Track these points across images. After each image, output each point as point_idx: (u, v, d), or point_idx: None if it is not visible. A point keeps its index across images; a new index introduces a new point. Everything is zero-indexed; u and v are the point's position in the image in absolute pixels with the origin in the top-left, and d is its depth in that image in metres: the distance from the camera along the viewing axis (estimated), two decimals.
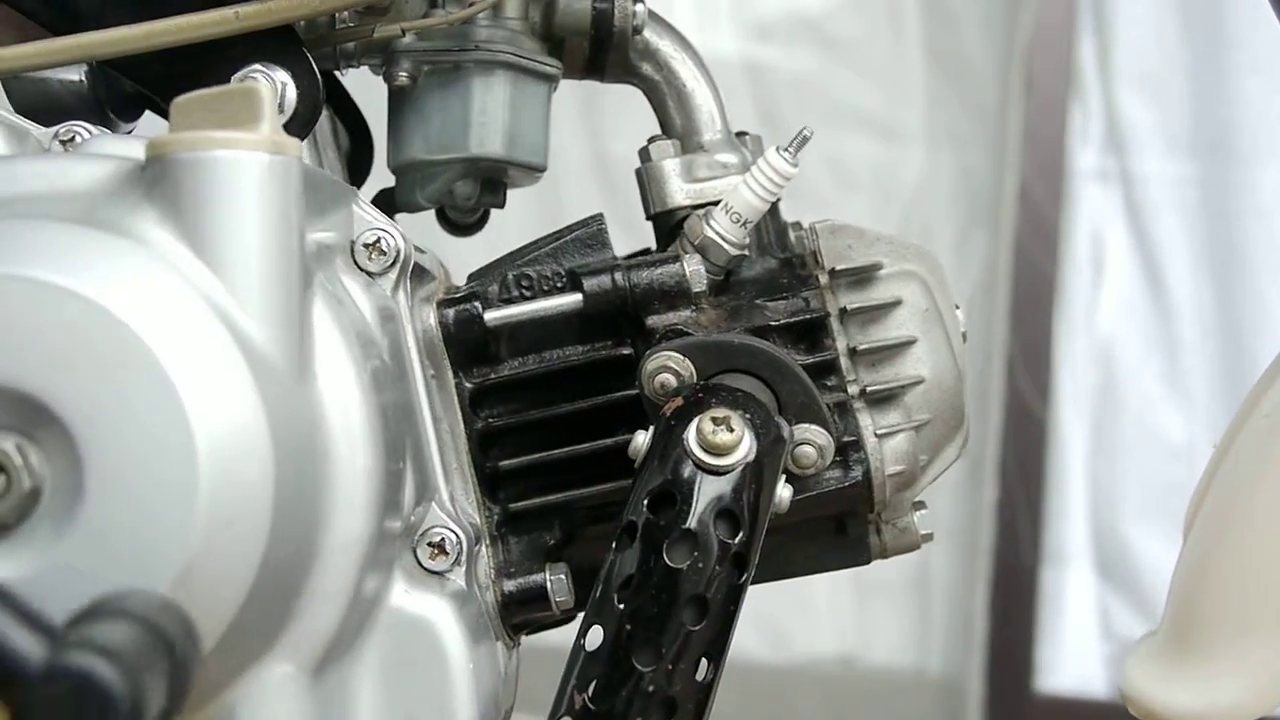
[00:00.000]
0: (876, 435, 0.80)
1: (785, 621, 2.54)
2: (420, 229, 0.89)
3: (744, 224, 0.81)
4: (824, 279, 0.82)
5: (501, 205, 0.91)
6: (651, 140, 0.86)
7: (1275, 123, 2.45)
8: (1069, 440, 2.54)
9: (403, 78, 0.84)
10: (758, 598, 0.76)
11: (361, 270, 0.77)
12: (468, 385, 0.80)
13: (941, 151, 2.53)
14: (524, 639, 0.84)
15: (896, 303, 0.81)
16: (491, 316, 0.80)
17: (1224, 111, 2.48)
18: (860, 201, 2.42)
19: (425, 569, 0.75)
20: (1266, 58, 2.36)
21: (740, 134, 0.88)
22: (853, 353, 0.81)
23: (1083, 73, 2.50)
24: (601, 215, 0.83)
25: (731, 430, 0.72)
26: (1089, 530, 2.54)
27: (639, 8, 0.87)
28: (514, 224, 0.97)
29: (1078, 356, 2.57)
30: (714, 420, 0.72)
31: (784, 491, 0.75)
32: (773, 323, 0.81)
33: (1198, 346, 2.52)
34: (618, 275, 0.80)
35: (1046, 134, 2.52)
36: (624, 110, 1.24)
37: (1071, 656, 2.53)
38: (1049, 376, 2.56)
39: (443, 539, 0.75)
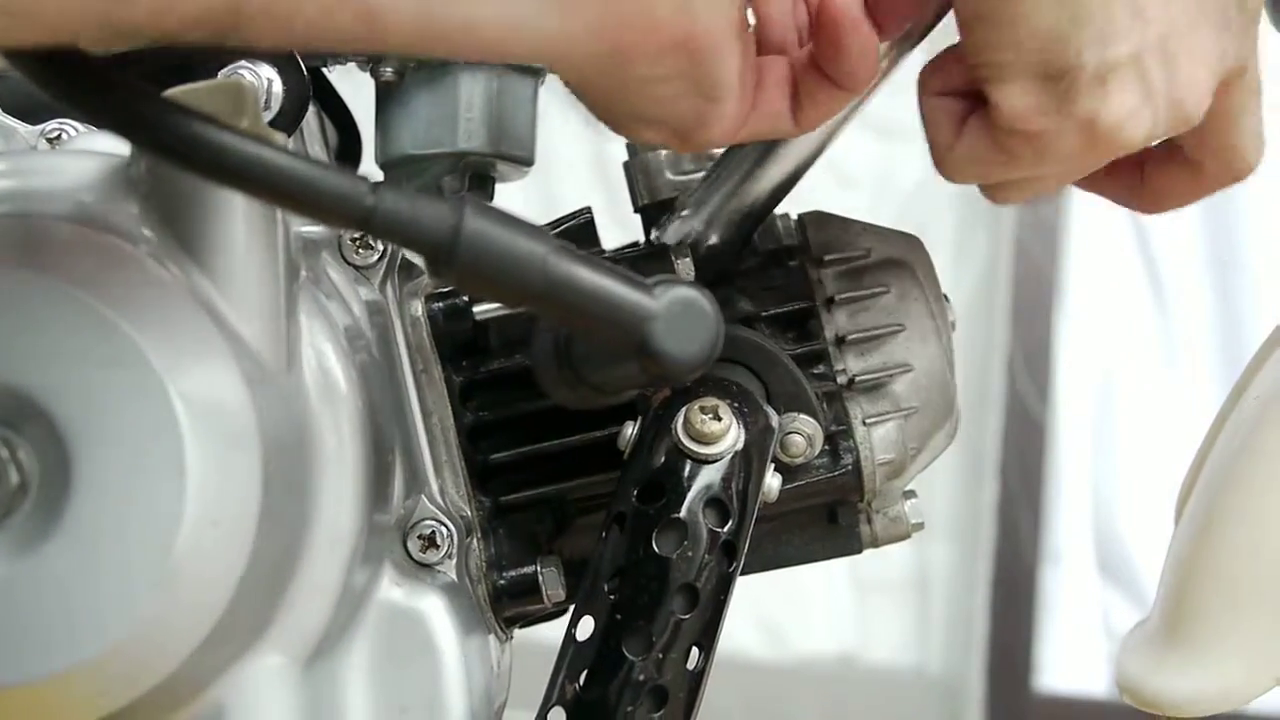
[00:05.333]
0: (865, 424, 0.80)
1: (784, 621, 2.54)
2: None
3: None
4: (811, 269, 0.82)
5: (490, 200, 0.91)
6: None
7: (1275, 123, 2.45)
8: (1069, 440, 2.54)
9: (389, 73, 0.84)
10: (756, 597, 0.76)
11: (349, 264, 0.77)
12: (457, 379, 0.79)
13: None
14: (518, 632, 0.84)
15: (884, 291, 0.81)
16: (480, 310, 0.80)
17: None
18: (860, 199, 2.43)
19: (416, 562, 0.75)
20: (1266, 58, 2.36)
21: None
22: (841, 341, 0.81)
23: None
24: (589, 208, 0.83)
25: (719, 419, 0.72)
26: (1089, 530, 2.54)
27: None
28: None
29: (1078, 356, 2.57)
30: (702, 409, 0.73)
31: (773, 480, 0.75)
32: (761, 313, 0.81)
33: (1198, 346, 2.53)
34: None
35: None
36: None
37: (1071, 656, 2.53)
38: (1049, 376, 2.56)
39: (433, 532, 0.76)
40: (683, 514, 0.71)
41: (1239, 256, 2.50)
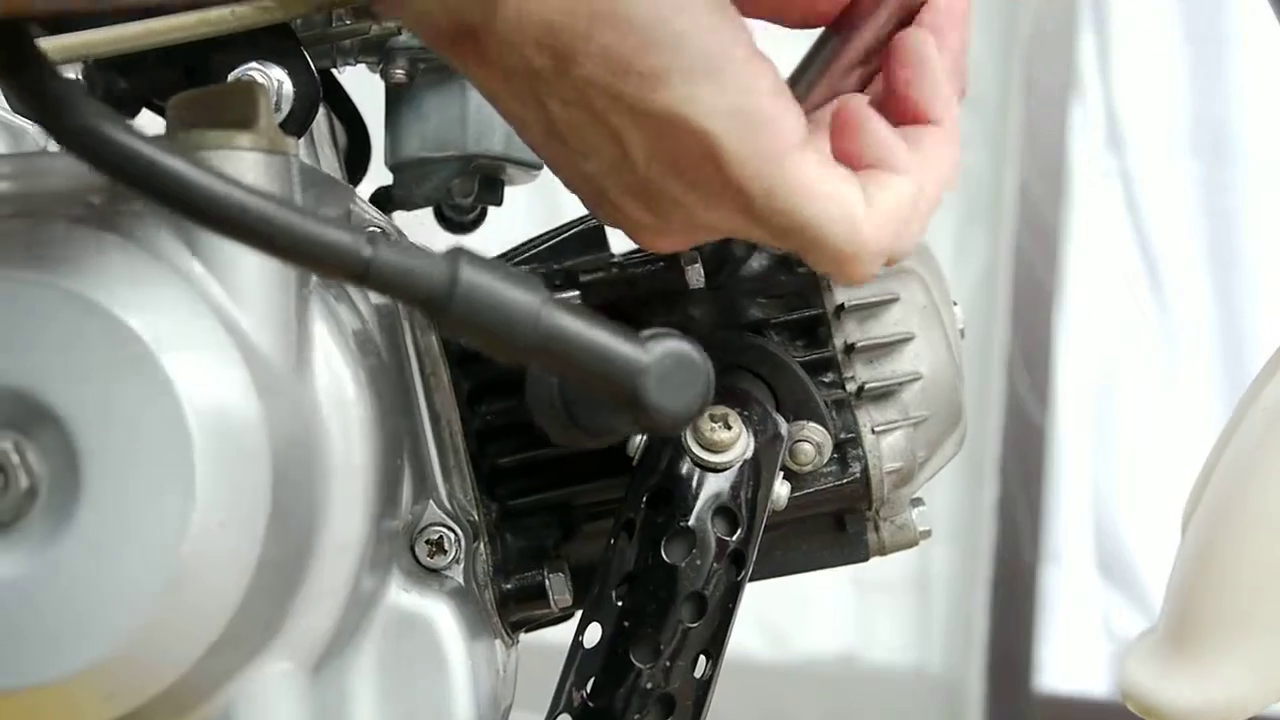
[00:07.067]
0: (874, 432, 0.80)
1: (785, 621, 2.54)
2: (418, 227, 0.89)
3: None
4: (821, 276, 0.82)
5: (499, 203, 0.91)
6: None
7: (1275, 123, 2.45)
8: (1069, 439, 2.54)
9: (399, 75, 0.84)
10: (757, 597, 0.76)
11: None
12: (465, 383, 0.79)
13: None
14: (524, 636, 0.84)
15: (894, 299, 0.81)
16: None
17: (1224, 111, 2.48)
18: None
19: (423, 567, 0.75)
20: (1267, 58, 2.36)
21: None
22: (850, 349, 0.81)
23: (1082, 72, 2.50)
24: None
25: (729, 428, 0.72)
26: (1089, 530, 2.54)
27: None
28: (512, 221, 0.97)
29: (1078, 356, 2.57)
30: (711, 418, 0.73)
31: (781, 489, 0.75)
32: (770, 320, 0.80)
33: (1198, 346, 2.52)
34: (615, 273, 0.80)
35: (1046, 133, 2.51)
36: None
37: (1071, 656, 2.53)
38: (1049, 376, 2.56)
39: (441, 537, 0.76)
40: (691, 522, 0.71)
41: (1239, 256, 2.50)
